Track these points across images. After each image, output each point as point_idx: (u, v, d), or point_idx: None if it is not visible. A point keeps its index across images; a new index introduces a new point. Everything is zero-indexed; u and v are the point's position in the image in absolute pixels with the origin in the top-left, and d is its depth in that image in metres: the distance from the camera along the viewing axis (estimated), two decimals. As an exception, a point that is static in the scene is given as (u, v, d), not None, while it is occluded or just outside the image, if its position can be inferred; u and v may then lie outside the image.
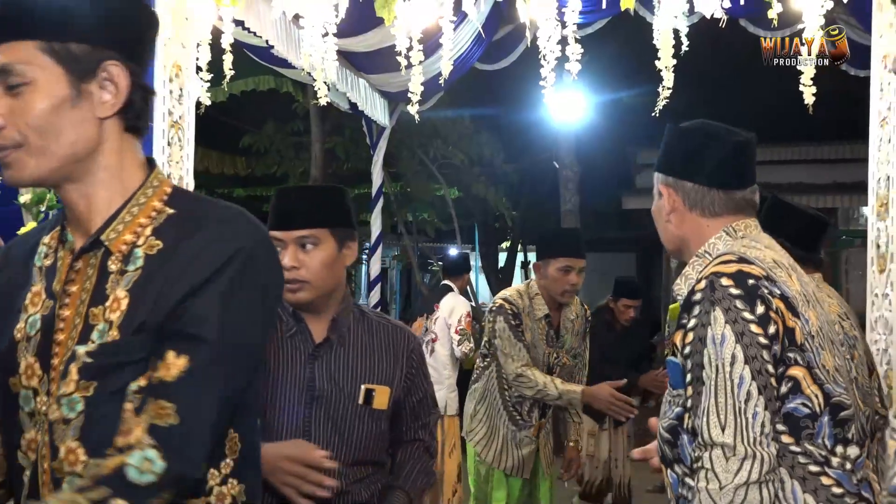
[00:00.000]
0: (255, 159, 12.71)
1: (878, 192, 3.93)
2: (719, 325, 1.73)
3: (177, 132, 4.23)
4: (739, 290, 1.74)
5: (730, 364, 1.71)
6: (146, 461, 1.33)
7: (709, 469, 1.69)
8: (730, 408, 1.70)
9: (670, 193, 2.00)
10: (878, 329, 3.59)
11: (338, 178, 13.29)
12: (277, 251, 1.55)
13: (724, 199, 1.95)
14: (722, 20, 3.84)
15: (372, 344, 2.34)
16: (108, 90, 1.48)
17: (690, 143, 2.01)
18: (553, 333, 4.08)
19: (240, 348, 1.45)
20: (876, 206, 3.95)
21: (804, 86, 3.73)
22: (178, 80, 4.21)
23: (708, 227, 1.96)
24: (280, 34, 5.21)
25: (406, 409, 2.41)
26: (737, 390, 1.70)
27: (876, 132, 3.94)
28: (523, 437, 4.04)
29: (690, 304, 1.80)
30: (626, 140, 13.80)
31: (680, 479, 1.84)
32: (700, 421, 1.73)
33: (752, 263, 1.79)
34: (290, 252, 2.22)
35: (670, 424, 1.87)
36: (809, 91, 3.72)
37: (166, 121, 4.13)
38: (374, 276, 8.65)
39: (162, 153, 4.10)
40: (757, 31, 5.25)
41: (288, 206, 2.32)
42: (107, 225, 1.49)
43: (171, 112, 4.18)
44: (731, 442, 1.68)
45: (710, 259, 1.90)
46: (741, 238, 1.92)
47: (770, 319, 1.73)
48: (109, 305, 1.44)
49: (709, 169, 1.96)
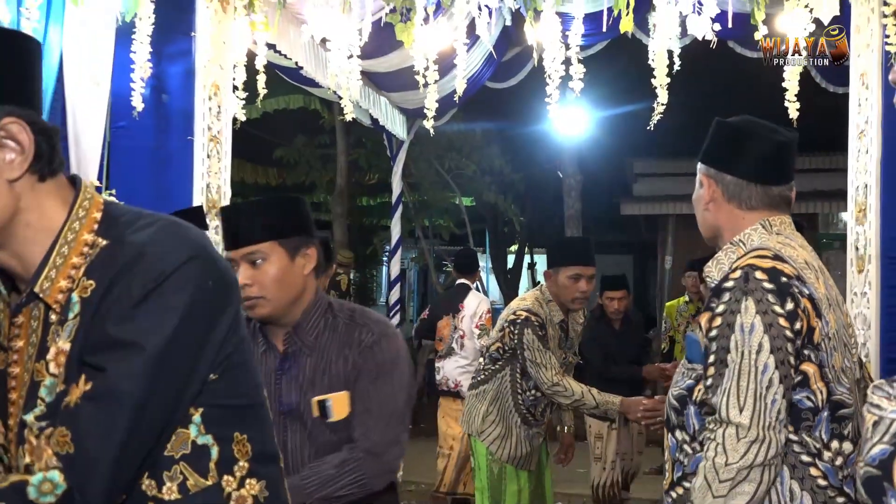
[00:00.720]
0: (286, 170, 12.74)
1: (856, 199, 3.92)
2: (749, 315, 1.70)
3: (215, 146, 4.25)
4: (772, 285, 1.71)
5: (756, 352, 1.68)
6: (48, 482, 1.16)
7: (719, 444, 1.67)
8: (751, 392, 1.67)
9: (710, 184, 1.94)
10: (858, 325, 3.58)
11: (361, 187, 13.33)
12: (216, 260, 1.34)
13: (762, 194, 1.90)
14: (712, 42, 3.84)
15: (332, 348, 2.10)
16: (10, 150, 1.24)
17: (733, 138, 1.95)
18: (564, 337, 3.93)
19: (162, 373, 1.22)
20: (855, 212, 3.94)
21: (789, 101, 3.73)
22: (216, 98, 4.23)
23: (744, 218, 1.91)
24: (309, 56, 5.23)
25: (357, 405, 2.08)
26: (760, 377, 1.67)
27: (854, 144, 3.93)
28: (534, 434, 3.91)
29: (721, 290, 1.76)
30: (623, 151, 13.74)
31: (679, 444, 1.83)
32: (719, 399, 1.70)
33: (786, 262, 1.75)
34: (242, 269, 2.04)
35: (680, 394, 1.85)
36: (794, 106, 3.71)
37: (206, 135, 4.16)
38: (394, 277, 8.67)
39: (202, 165, 4.13)
40: (744, 51, 5.24)
41: (232, 224, 2.12)
42: (38, 275, 1.28)
43: (210, 127, 4.20)
44: (747, 423, 1.66)
45: (743, 249, 1.86)
46: (776, 234, 1.87)
47: (797, 316, 1.70)
48: (53, 359, 1.25)
49: (749, 164, 1.91)
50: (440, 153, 11.90)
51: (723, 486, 1.66)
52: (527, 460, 3.93)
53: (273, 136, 11.75)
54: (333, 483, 2.04)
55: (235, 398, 1.37)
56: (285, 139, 12.11)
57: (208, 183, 4.18)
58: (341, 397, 2.04)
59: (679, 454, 1.83)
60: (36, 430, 1.23)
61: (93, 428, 1.18)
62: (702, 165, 1.98)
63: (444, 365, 6.05)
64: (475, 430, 3.96)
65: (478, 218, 14.88)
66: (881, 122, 3.70)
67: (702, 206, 1.98)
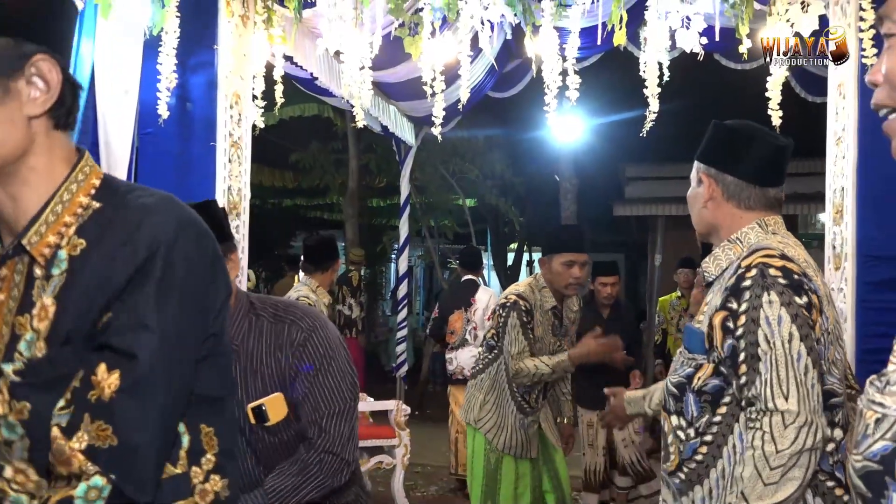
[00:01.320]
0: (301, 174, 12.74)
1: (833, 202, 3.91)
2: (775, 308, 1.66)
3: (236, 151, 4.25)
4: (787, 281, 1.68)
5: (788, 341, 1.65)
6: (93, 490, 1.09)
7: (767, 432, 1.63)
8: (792, 379, 1.64)
9: (711, 183, 1.90)
10: (834, 318, 3.57)
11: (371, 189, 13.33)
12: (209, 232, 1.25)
13: (759, 195, 1.87)
14: (700, 54, 3.83)
15: (261, 349, 1.88)
16: (37, 87, 1.20)
17: (735, 141, 1.91)
18: (558, 324, 3.75)
19: (176, 351, 1.16)
20: (832, 213, 3.93)
21: (772, 110, 3.72)
22: (237, 106, 4.24)
23: (742, 217, 1.87)
24: (323, 68, 5.23)
25: (304, 406, 1.90)
26: (797, 364, 1.64)
27: (832, 150, 3.92)
28: (530, 422, 3.72)
29: (740, 289, 1.71)
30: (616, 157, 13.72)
31: (674, 429, 1.81)
32: (760, 391, 1.66)
33: (792, 261, 1.73)
34: None
35: (679, 381, 1.83)
36: (776, 114, 3.70)
37: (227, 141, 4.16)
38: (401, 274, 8.69)
39: (223, 168, 4.13)
40: (729, 63, 5.23)
41: None
42: (28, 227, 1.20)
43: (231, 134, 4.20)
44: (796, 409, 1.62)
45: (740, 247, 1.83)
46: (772, 234, 1.85)
47: (812, 308, 1.69)
48: (37, 314, 1.17)
49: (750, 166, 1.87)
50: (445, 158, 11.89)
51: (774, 473, 1.61)
52: (524, 448, 3.76)
53: (289, 142, 11.76)
54: (298, 491, 1.90)
55: (209, 388, 1.27)
56: (301, 145, 12.11)
57: (229, 185, 4.19)
58: (276, 399, 1.84)
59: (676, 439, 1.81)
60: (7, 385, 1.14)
61: (133, 417, 1.11)
62: (701, 165, 1.94)
63: (458, 355, 6.06)
64: (472, 418, 3.81)
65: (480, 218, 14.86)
66: (857, 130, 3.70)
67: (700, 204, 1.94)
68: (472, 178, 12.78)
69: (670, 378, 1.87)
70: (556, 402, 4.06)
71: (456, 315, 6.15)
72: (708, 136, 1.96)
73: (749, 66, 4.98)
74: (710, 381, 1.75)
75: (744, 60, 4.41)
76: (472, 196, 13.80)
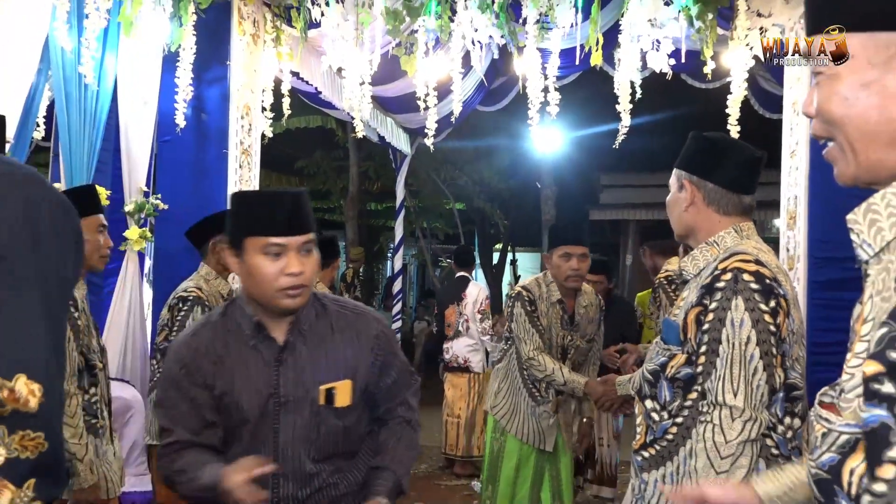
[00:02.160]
0: (306, 179, 12.72)
1: (788, 209, 3.93)
2: (739, 312, 1.67)
3: (246, 157, 4.24)
4: (759, 286, 1.68)
5: (745, 343, 1.66)
6: None
7: (717, 425, 1.65)
8: (741, 378, 1.66)
9: (693, 189, 1.86)
10: (787, 314, 3.59)
11: (370, 193, 13.32)
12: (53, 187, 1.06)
13: (736, 202, 1.84)
14: (668, 74, 3.84)
15: (334, 338, 1.80)
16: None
17: (716, 151, 1.89)
18: (567, 318, 3.48)
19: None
20: (786, 219, 3.95)
21: (731, 125, 3.73)
22: (247, 117, 4.23)
23: (719, 222, 1.84)
24: (326, 82, 5.22)
25: (381, 391, 1.86)
26: (748, 365, 1.66)
27: (787, 162, 3.94)
28: (542, 411, 3.46)
29: (714, 289, 1.71)
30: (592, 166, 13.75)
31: (649, 412, 1.82)
32: (713, 385, 1.68)
33: (765, 266, 1.72)
34: (294, 258, 1.69)
35: (654, 369, 1.83)
36: (735, 129, 3.71)
37: (238, 149, 4.15)
38: (396, 271, 8.67)
39: (235, 174, 4.12)
40: (694, 83, 5.25)
41: (287, 211, 1.71)
42: None
43: (242, 142, 4.19)
44: (741, 405, 1.64)
45: (717, 249, 1.82)
46: (746, 238, 1.83)
47: (778, 312, 1.68)
48: None
49: (730, 174, 1.84)
50: (437, 166, 11.90)
51: (725, 462, 1.63)
52: (538, 438, 3.49)
53: (295, 150, 11.73)
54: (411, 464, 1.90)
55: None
56: (306, 153, 12.09)
57: (240, 189, 4.18)
58: (345, 385, 1.78)
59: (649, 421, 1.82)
60: None
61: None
62: (683, 172, 1.90)
63: (453, 345, 6.08)
64: (490, 405, 3.65)
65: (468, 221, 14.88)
66: (809, 144, 3.71)
67: (681, 208, 1.90)
68: (462, 184, 12.80)
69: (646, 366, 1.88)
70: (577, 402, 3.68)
71: (450, 309, 6.16)
72: (689, 146, 1.93)
73: (712, 86, 5.00)
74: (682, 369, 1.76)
75: (708, 80, 4.42)
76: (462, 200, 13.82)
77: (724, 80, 4.37)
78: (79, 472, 2.30)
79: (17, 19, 3.25)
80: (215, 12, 3.93)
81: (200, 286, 3.16)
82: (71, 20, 3.47)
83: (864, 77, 0.88)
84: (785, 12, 3.78)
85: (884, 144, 0.88)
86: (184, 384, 1.76)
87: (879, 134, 0.88)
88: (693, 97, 6.30)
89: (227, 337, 1.77)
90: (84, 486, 2.32)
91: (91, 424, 2.41)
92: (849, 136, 0.90)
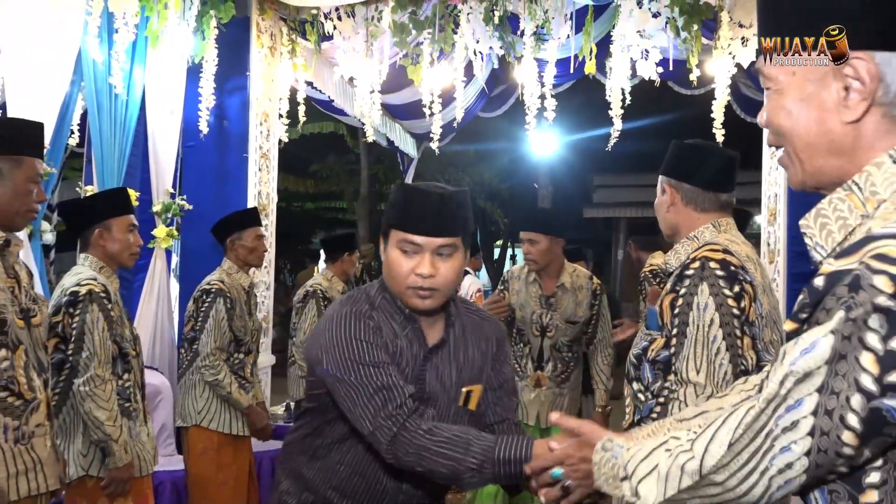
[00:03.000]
0: (320, 181, 12.73)
1: (768, 206, 3.92)
2: (704, 296, 1.68)
3: (265, 161, 4.24)
4: (724, 272, 1.69)
5: (708, 326, 1.67)
6: None
7: (682, 401, 1.66)
8: (703, 357, 1.66)
9: (672, 192, 1.88)
10: (768, 304, 3.58)
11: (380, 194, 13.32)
12: None
13: (713, 199, 1.85)
14: (656, 82, 3.83)
15: (467, 341, 1.66)
16: None
17: (690, 155, 1.90)
18: (544, 296, 3.31)
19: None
20: (767, 216, 3.94)
21: (716, 129, 3.72)
22: (266, 123, 4.23)
23: (698, 219, 1.85)
24: (339, 91, 5.22)
25: (491, 395, 1.70)
26: (711, 345, 1.66)
27: (767, 162, 3.93)
28: (523, 386, 3.29)
29: (683, 276, 1.73)
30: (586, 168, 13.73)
31: (635, 393, 1.82)
32: (680, 364, 1.69)
33: (733, 255, 1.73)
34: (427, 259, 1.52)
35: (637, 353, 1.83)
36: (720, 132, 3.70)
37: (258, 153, 4.15)
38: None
39: (254, 176, 4.12)
40: (681, 90, 5.22)
41: (430, 210, 1.53)
42: None
43: (261, 147, 4.19)
44: (703, 382, 1.65)
45: (697, 243, 1.83)
46: (724, 232, 1.84)
47: (742, 297, 1.68)
48: None
49: (705, 175, 1.86)
50: (442, 168, 11.90)
51: None
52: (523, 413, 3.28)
53: (310, 154, 11.74)
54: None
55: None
56: (320, 157, 12.10)
57: (259, 191, 4.18)
58: (478, 390, 1.65)
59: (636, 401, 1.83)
60: None
61: None
62: (664, 177, 1.92)
63: None
64: None
65: (471, 219, 14.91)
66: (789, 146, 3.69)
67: (664, 209, 1.92)
68: (465, 185, 12.79)
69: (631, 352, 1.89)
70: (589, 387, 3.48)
71: None
72: (669, 153, 1.95)
73: (698, 92, 4.98)
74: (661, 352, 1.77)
75: (693, 87, 4.40)
76: (465, 200, 13.82)
77: (708, 87, 4.36)
78: (114, 452, 2.32)
79: (52, 34, 3.26)
80: (235, 27, 3.93)
81: (223, 279, 3.16)
82: (102, 34, 3.47)
83: (803, 92, 0.89)
84: (765, 23, 3.76)
85: (824, 153, 0.89)
86: (379, 354, 1.53)
87: (819, 144, 0.89)
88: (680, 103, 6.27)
89: (392, 322, 1.59)
90: (119, 465, 2.33)
91: (125, 408, 2.41)
92: (794, 146, 0.92)
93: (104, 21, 3.45)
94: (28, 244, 3.11)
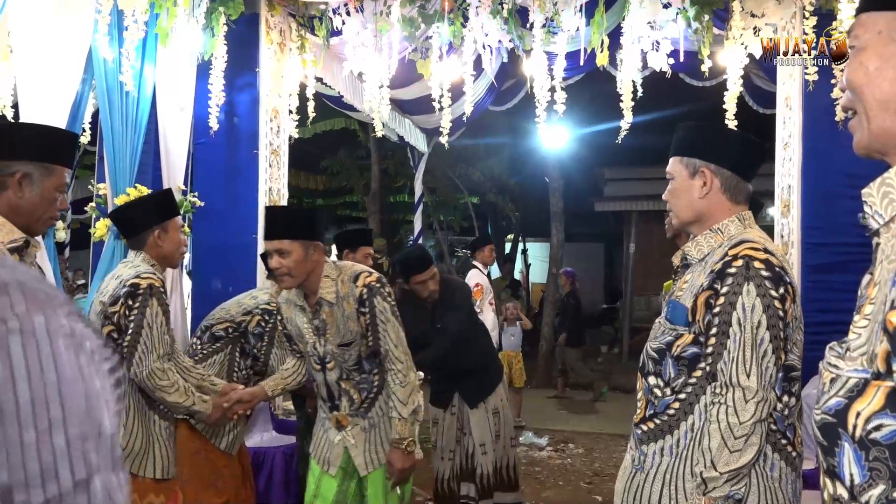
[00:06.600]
0: (331, 177, 12.74)
1: (782, 198, 3.88)
2: (751, 297, 1.63)
3: (276, 157, 4.25)
4: (769, 273, 1.64)
5: (756, 327, 1.63)
6: None
7: (730, 406, 1.62)
8: (754, 360, 1.63)
9: (710, 176, 1.77)
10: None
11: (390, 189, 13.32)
12: None
13: (745, 190, 1.78)
14: (667, 73, 3.80)
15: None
16: None
17: (731, 140, 1.82)
18: (312, 319, 2.57)
19: None
20: (780, 208, 3.90)
21: (728, 120, 3.69)
22: (276, 120, 4.23)
23: (729, 210, 1.77)
24: (348, 87, 5.21)
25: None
26: (759, 348, 1.63)
27: (780, 154, 3.89)
28: (328, 426, 2.63)
29: (725, 274, 1.66)
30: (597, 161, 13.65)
31: (651, 388, 1.78)
32: (727, 367, 1.65)
33: (774, 255, 1.68)
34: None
35: (659, 347, 1.78)
36: (732, 123, 3.67)
37: (268, 149, 4.15)
38: (416, 260, 8.64)
39: (265, 173, 4.12)
40: (692, 81, 5.18)
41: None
42: None
43: (272, 143, 4.19)
44: (755, 386, 1.62)
45: (721, 236, 1.76)
46: (749, 227, 1.77)
47: (786, 298, 1.65)
48: None
49: (744, 162, 1.78)
50: (452, 162, 11.86)
51: (738, 442, 1.61)
52: (325, 459, 2.65)
53: (321, 150, 11.75)
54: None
55: None
56: (330, 153, 12.10)
57: (270, 187, 4.18)
58: None
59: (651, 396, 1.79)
60: None
61: None
62: (697, 160, 1.79)
63: None
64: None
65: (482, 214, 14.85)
66: (801, 136, 3.67)
67: (694, 194, 1.79)
68: (475, 179, 12.75)
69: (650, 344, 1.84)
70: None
71: None
72: (699, 134, 1.83)
73: (709, 83, 4.94)
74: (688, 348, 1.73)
75: (705, 78, 4.36)
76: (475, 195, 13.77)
77: (720, 78, 4.32)
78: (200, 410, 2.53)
79: (62, 33, 3.27)
80: (245, 23, 3.93)
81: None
82: (112, 32, 3.48)
83: (884, 51, 0.91)
84: (777, 12, 3.73)
85: (893, 113, 0.90)
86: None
87: (890, 102, 0.90)
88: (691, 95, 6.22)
89: None
90: (209, 412, 2.57)
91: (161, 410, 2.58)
92: (865, 103, 0.93)
93: (114, 19, 3.47)
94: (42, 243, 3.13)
